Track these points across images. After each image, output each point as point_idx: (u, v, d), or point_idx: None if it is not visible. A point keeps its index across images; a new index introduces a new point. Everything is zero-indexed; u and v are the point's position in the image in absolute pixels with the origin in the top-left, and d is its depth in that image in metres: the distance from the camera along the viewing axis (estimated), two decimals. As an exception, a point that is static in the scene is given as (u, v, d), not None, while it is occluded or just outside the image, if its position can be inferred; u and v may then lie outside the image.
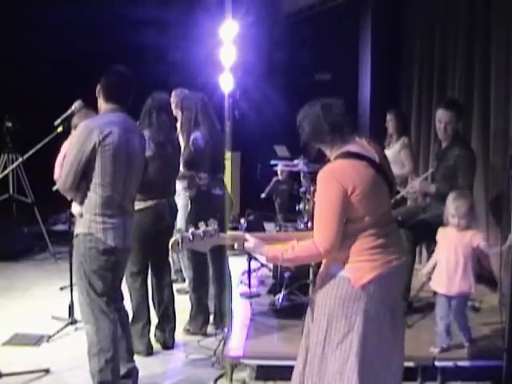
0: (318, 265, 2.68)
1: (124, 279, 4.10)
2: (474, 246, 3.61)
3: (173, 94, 5.21)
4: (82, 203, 3.27)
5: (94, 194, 3.23)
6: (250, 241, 2.56)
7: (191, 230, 2.45)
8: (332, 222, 2.44)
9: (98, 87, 3.35)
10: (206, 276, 4.56)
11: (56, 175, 3.32)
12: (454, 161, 4.36)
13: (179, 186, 4.68)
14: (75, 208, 3.33)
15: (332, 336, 2.52)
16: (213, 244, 2.57)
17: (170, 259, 4.90)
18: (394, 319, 2.61)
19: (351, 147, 2.55)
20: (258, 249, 2.57)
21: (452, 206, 3.67)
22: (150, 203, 4.05)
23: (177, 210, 4.40)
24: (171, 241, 2.43)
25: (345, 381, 2.50)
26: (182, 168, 4.46)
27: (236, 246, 2.63)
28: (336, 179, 2.44)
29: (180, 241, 2.42)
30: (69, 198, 3.40)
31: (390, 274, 2.51)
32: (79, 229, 3.29)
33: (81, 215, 3.28)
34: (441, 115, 4.46)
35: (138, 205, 3.82)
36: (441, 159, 4.58)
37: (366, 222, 2.49)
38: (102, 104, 3.38)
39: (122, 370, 3.44)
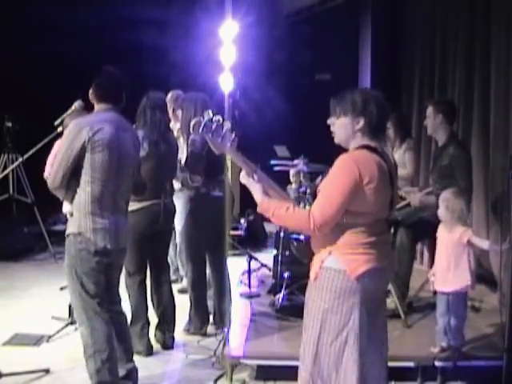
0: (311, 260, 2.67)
1: (123, 280, 4.12)
2: (464, 242, 3.62)
3: (168, 98, 5.15)
4: (72, 202, 3.25)
5: (84, 192, 3.20)
6: (255, 185, 2.55)
7: (215, 124, 2.41)
8: (336, 202, 2.42)
9: (91, 91, 3.37)
10: (203, 275, 4.55)
11: (46, 173, 3.29)
12: (448, 160, 4.39)
13: (177, 185, 4.68)
14: (66, 207, 3.33)
15: (326, 333, 2.52)
16: (226, 151, 2.53)
17: (169, 259, 4.91)
18: (382, 314, 2.66)
19: (377, 145, 2.57)
20: (257, 192, 2.55)
21: (441, 209, 3.72)
22: (144, 204, 4.01)
23: (175, 211, 4.39)
24: (194, 120, 2.37)
25: (341, 375, 2.51)
26: (178, 168, 4.46)
27: (242, 173, 2.58)
28: (356, 165, 2.43)
29: (203, 124, 2.38)
30: (60, 198, 3.38)
31: (382, 269, 2.54)
32: (69, 229, 3.25)
33: (71, 214, 3.25)
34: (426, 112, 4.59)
35: (133, 205, 3.78)
36: (436, 159, 4.62)
37: (366, 218, 2.50)
38: (98, 107, 3.39)
39: (122, 371, 3.43)
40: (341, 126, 2.60)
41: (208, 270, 4.64)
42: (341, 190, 2.43)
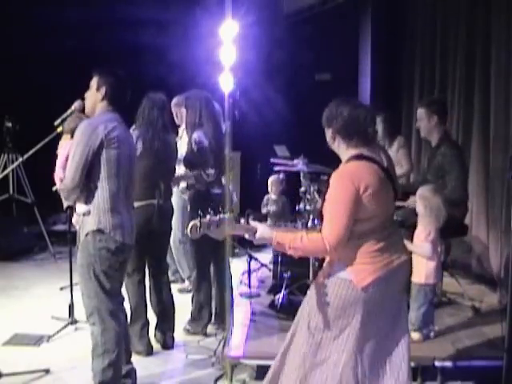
0: (320, 264, 2.72)
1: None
2: (421, 239, 3.87)
3: (172, 105, 5.14)
4: (87, 202, 3.27)
5: (101, 189, 3.25)
6: (259, 228, 2.60)
7: (208, 216, 2.48)
8: (342, 220, 2.50)
9: (104, 91, 3.34)
10: (208, 276, 4.55)
11: (59, 177, 3.30)
12: (441, 160, 4.43)
13: (175, 188, 4.67)
14: (81, 207, 3.31)
15: (329, 332, 2.60)
16: (227, 233, 2.60)
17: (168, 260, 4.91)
18: (398, 311, 2.71)
19: (364, 151, 2.64)
20: (267, 235, 2.58)
21: (418, 205, 3.95)
22: (137, 204, 3.96)
23: (172, 213, 4.37)
24: (190, 225, 2.46)
25: (339, 367, 2.57)
26: (183, 169, 4.45)
27: (247, 236, 2.63)
28: (350, 180, 2.52)
29: (198, 226, 2.44)
30: (71, 201, 3.38)
31: (391, 276, 2.59)
32: (88, 227, 3.27)
33: (88, 212, 3.27)
34: (417, 114, 4.63)
35: None
36: (430, 159, 4.65)
37: (372, 223, 2.57)
38: (101, 104, 3.38)
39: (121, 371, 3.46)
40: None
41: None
42: (343, 206, 2.51)
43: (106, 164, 3.24)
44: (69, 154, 3.30)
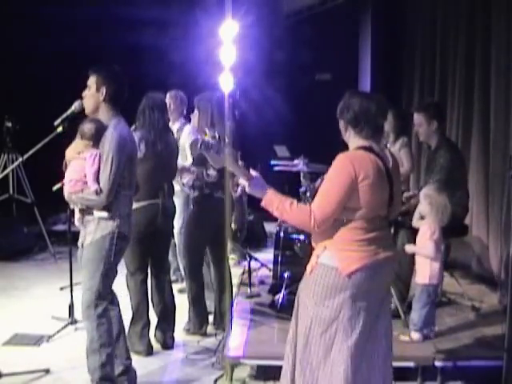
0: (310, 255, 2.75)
1: (124, 280, 4.13)
2: (426, 237, 3.85)
3: (167, 95, 5.17)
4: (106, 208, 3.30)
5: (124, 197, 3.36)
6: (256, 177, 2.63)
7: (214, 140, 2.51)
8: (333, 199, 2.54)
9: (104, 91, 3.33)
10: (200, 274, 4.54)
11: (93, 189, 3.28)
12: (437, 163, 4.42)
13: (177, 186, 4.68)
14: (100, 213, 3.33)
15: (317, 324, 2.61)
16: (224, 165, 2.61)
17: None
18: (381, 309, 2.70)
19: (373, 145, 2.68)
20: (261, 187, 2.62)
21: (423, 205, 3.94)
22: (141, 204, 4.00)
23: (174, 211, 4.38)
24: (192, 139, 2.50)
25: (329, 366, 2.58)
26: (189, 159, 4.48)
27: (241, 180, 2.65)
28: (352, 164, 2.56)
29: (200, 141, 2.48)
30: (98, 207, 3.35)
31: (376, 266, 2.60)
32: (106, 230, 3.31)
33: (110, 217, 3.31)
34: (414, 119, 4.62)
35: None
36: (430, 162, 4.65)
37: (362, 214, 2.58)
38: (104, 105, 3.38)
39: (120, 368, 3.48)
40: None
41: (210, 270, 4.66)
42: (337, 187, 2.55)
43: (128, 174, 3.35)
44: (100, 166, 3.30)
